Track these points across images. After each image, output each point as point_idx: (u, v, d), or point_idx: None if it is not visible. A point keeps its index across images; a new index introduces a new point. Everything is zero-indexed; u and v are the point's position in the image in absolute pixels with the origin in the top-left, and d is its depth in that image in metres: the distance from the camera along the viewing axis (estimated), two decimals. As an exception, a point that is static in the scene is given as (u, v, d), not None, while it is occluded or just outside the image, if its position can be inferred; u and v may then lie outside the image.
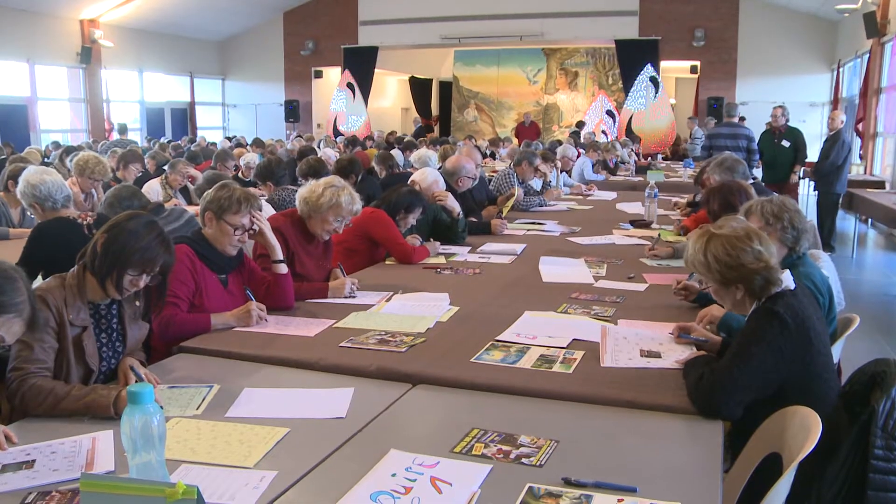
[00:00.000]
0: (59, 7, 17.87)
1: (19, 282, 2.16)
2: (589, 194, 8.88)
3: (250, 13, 21.97)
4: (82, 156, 6.32)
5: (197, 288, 3.23)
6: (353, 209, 3.88)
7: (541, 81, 24.38)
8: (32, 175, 4.37)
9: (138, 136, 20.00)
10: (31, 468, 2.04)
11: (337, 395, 2.52)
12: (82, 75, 19.22)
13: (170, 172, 7.48)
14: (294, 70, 22.56)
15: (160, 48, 21.31)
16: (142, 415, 1.76)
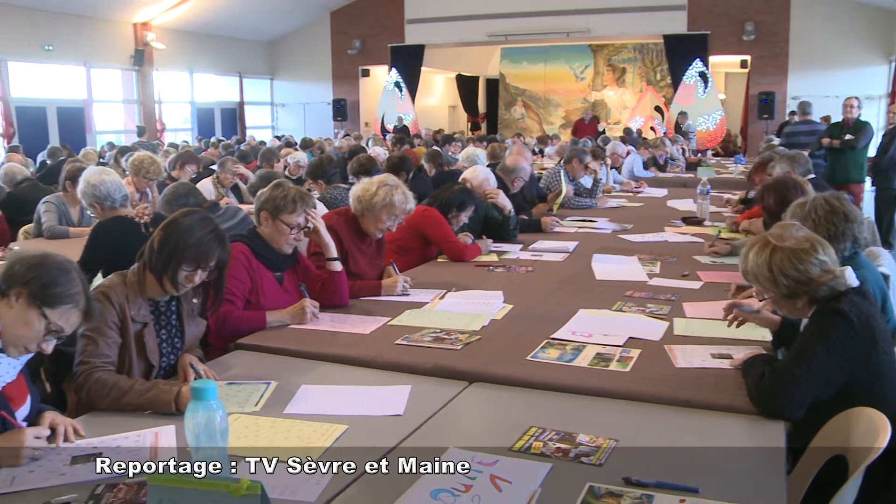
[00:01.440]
0: (113, 12, 18.23)
1: (73, 273, 2.22)
2: (639, 191, 8.80)
3: (298, 13, 22.14)
4: (137, 156, 6.44)
5: (253, 286, 3.27)
6: (406, 208, 3.90)
7: (588, 78, 24.19)
8: (92, 175, 4.47)
9: (189, 136, 20.32)
10: (98, 460, 2.07)
11: (394, 392, 2.53)
12: (135, 77, 19.58)
13: (220, 171, 7.57)
14: (341, 69, 22.68)
15: (210, 49, 21.60)
16: (205, 410, 1.79)
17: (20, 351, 2.19)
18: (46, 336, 2.17)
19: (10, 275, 2.16)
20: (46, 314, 2.14)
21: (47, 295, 2.14)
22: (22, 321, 2.14)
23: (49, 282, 2.15)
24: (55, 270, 2.18)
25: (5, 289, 2.15)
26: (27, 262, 2.18)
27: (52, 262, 2.20)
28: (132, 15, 18.93)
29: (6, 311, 2.14)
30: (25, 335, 2.15)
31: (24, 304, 2.14)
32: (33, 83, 17.23)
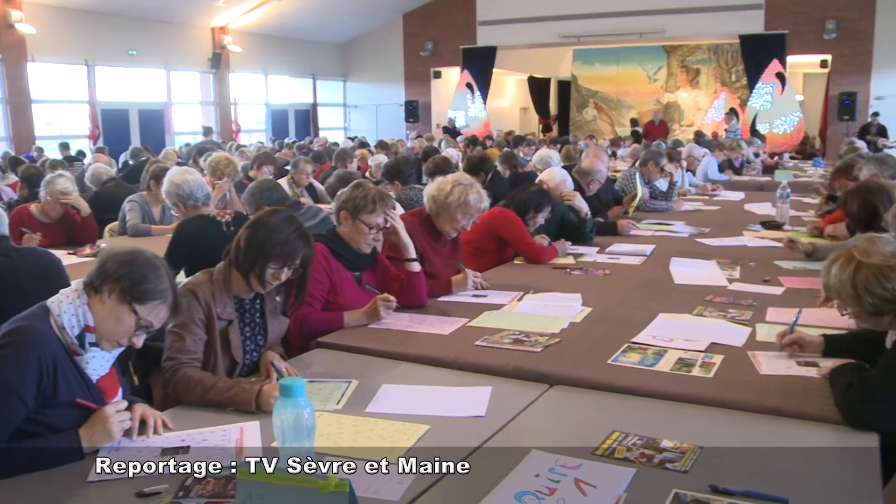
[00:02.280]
0: (192, 16, 18.71)
1: (162, 269, 2.27)
2: (715, 194, 8.65)
3: (371, 16, 22.34)
4: (214, 156, 6.58)
5: (332, 285, 3.30)
6: (480, 206, 3.90)
7: (661, 79, 23.87)
8: (176, 175, 4.60)
9: (263, 137, 20.71)
10: (186, 454, 2.15)
11: (475, 393, 2.53)
12: (212, 80, 20.05)
13: (294, 172, 7.68)
14: (413, 71, 22.81)
15: (284, 52, 21.95)
16: (294, 407, 1.82)
17: (112, 345, 2.25)
18: (137, 331, 2.23)
19: (103, 271, 2.22)
20: (137, 310, 2.20)
21: (138, 291, 2.20)
22: (114, 317, 2.20)
23: (139, 278, 2.21)
24: (145, 267, 2.24)
25: (98, 285, 2.21)
26: (118, 259, 2.24)
27: (142, 259, 2.26)
28: (210, 19, 19.38)
29: (99, 307, 2.21)
30: (117, 330, 2.21)
31: (116, 300, 2.20)
32: (117, 87, 17.79)
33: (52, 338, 2.17)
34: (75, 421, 2.18)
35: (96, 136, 16.80)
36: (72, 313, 2.19)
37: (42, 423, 2.14)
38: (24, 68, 15.70)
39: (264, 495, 1.64)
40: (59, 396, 2.15)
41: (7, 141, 15.57)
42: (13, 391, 2.08)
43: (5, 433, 2.08)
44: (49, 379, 2.13)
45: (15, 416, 2.09)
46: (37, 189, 6.67)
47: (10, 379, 2.08)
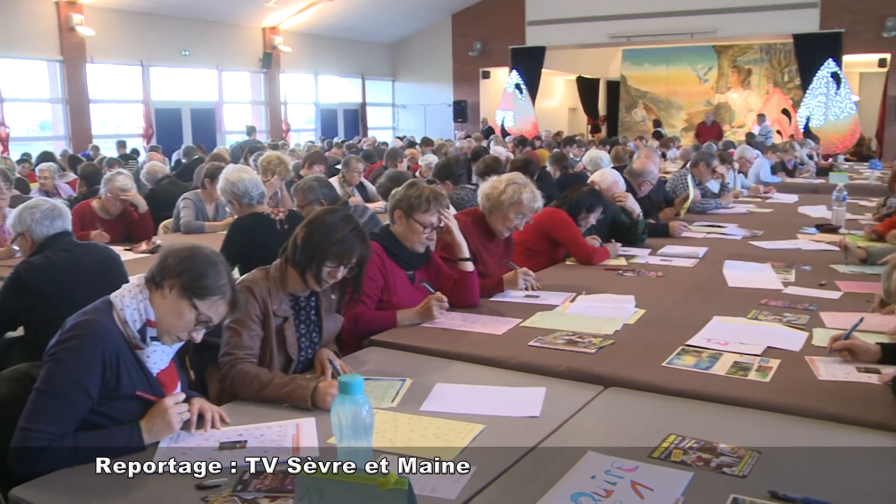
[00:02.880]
0: (244, 17, 18.95)
1: (220, 265, 2.31)
2: (767, 197, 8.53)
3: (420, 16, 22.40)
4: (266, 155, 6.67)
5: (385, 284, 3.33)
6: (534, 206, 3.90)
7: (712, 80, 23.59)
8: (232, 173, 4.67)
9: (313, 136, 20.90)
10: (244, 448, 2.18)
11: (529, 393, 2.53)
12: (263, 79, 20.29)
13: (345, 170, 7.74)
14: (462, 71, 22.83)
15: (334, 52, 22.11)
16: (352, 405, 1.83)
17: (173, 339, 2.29)
18: (196, 326, 2.27)
19: (164, 267, 2.27)
20: (197, 305, 2.24)
21: (198, 287, 2.24)
22: (174, 312, 2.24)
23: (199, 274, 2.25)
24: (204, 263, 2.28)
25: (159, 280, 2.26)
26: (179, 255, 2.28)
27: (202, 255, 2.31)
28: (262, 20, 19.61)
29: (160, 302, 2.25)
30: (177, 325, 2.26)
31: (177, 295, 2.24)
32: (170, 87, 18.11)
33: (115, 332, 2.23)
34: (136, 413, 2.23)
35: (150, 135, 17.12)
36: (134, 308, 2.24)
37: (105, 415, 2.20)
38: (83, 69, 16.09)
39: (323, 491, 1.66)
40: (121, 389, 2.21)
41: (66, 140, 15.96)
42: (79, 383, 2.14)
43: (71, 424, 2.14)
44: (112, 372, 2.19)
45: (80, 408, 2.15)
46: (95, 186, 6.85)
47: (75, 371, 2.14)
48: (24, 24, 15.09)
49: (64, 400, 2.13)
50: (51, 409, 2.11)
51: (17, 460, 2.07)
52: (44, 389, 2.14)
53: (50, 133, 16.67)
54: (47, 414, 2.11)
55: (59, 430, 2.10)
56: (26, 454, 2.06)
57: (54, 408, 2.12)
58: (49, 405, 2.12)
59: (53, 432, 2.09)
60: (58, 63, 15.83)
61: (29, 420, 2.10)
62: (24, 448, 2.07)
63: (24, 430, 2.09)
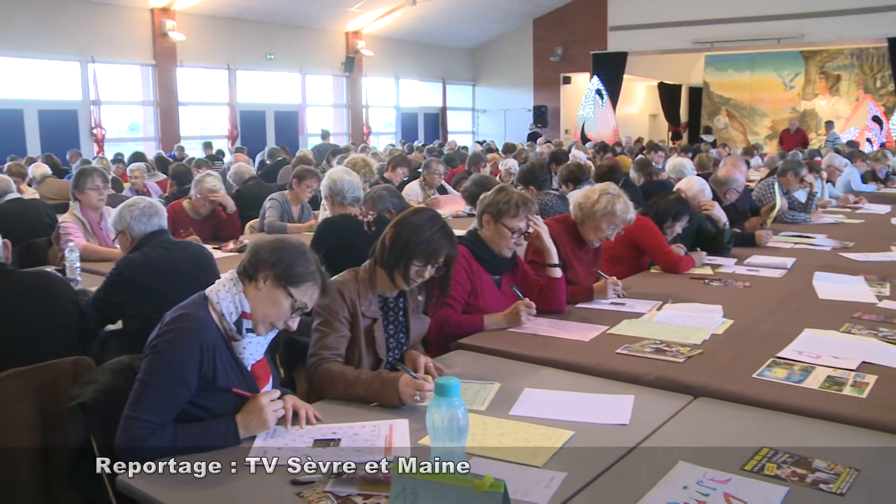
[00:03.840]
0: (328, 22, 19.28)
1: (308, 254, 2.40)
2: (858, 207, 8.28)
3: (501, 21, 22.43)
4: (351, 157, 6.80)
5: (472, 288, 3.35)
6: (626, 217, 3.87)
7: (798, 86, 23.01)
8: (336, 172, 4.88)
9: (393, 139, 21.12)
10: (337, 446, 2.23)
11: (618, 401, 2.52)
12: (345, 83, 20.60)
13: (426, 173, 7.80)
14: (543, 76, 22.78)
15: (415, 56, 22.31)
16: (448, 407, 1.86)
17: (268, 329, 2.37)
18: (292, 314, 2.35)
19: (256, 259, 2.35)
20: (292, 293, 2.32)
21: (291, 275, 2.32)
22: (270, 301, 2.33)
23: (291, 263, 2.33)
24: (294, 252, 2.37)
25: (252, 272, 2.35)
26: (269, 247, 2.37)
27: (290, 245, 2.40)
28: (345, 24, 19.90)
29: (255, 293, 2.34)
30: (274, 314, 2.34)
31: (272, 285, 2.33)
32: (255, 89, 18.53)
33: (211, 325, 2.31)
34: (233, 406, 2.31)
35: (234, 137, 17.55)
36: (230, 301, 2.33)
37: (202, 407, 2.29)
38: (173, 73, 16.64)
39: (418, 491, 1.68)
40: (217, 381, 2.29)
41: (155, 141, 16.49)
42: (178, 375, 2.23)
43: (171, 414, 2.23)
44: (209, 364, 2.27)
45: (180, 398, 2.24)
46: (186, 186, 7.05)
47: (174, 364, 2.23)
48: (122, 30, 15.70)
49: (164, 390, 2.22)
50: (152, 399, 2.20)
51: (121, 448, 2.16)
52: (145, 380, 2.23)
53: (139, 134, 17.26)
54: (148, 404, 2.20)
55: (159, 419, 2.19)
56: (128, 443, 2.16)
57: (155, 398, 2.21)
58: (150, 395, 2.21)
59: (154, 421, 2.18)
60: (150, 67, 16.40)
61: (132, 409, 2.20)
62: (128, 437, 2.16)
63: (127, 419, 2.18)
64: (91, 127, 15.62)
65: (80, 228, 5.17)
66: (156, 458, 2.12)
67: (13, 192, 6.41)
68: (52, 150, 12.85)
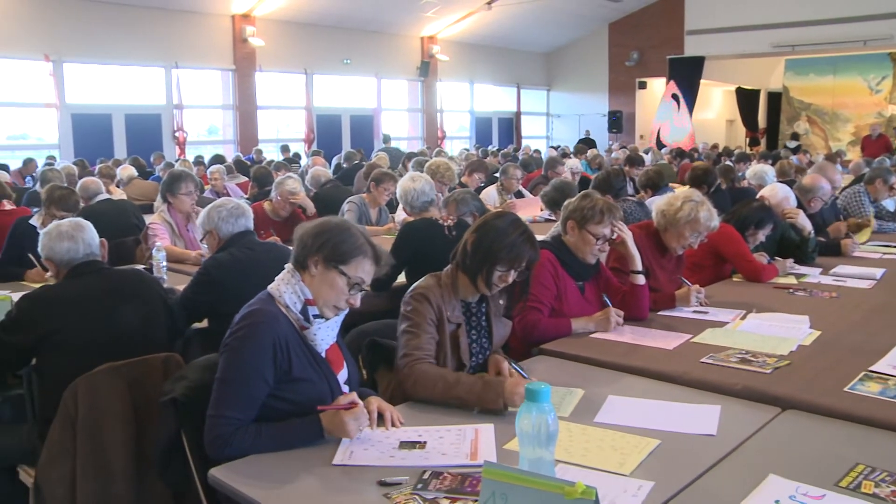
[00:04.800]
0: (404, 27, 19.47)
1: (352, 229, 2.42)
2: (949, 216, 7.99)
3: (576, 25, 22.34)
4: (434, 161, 6.83)
5: (557, 293, 3.34)
6: (710, 225, 3.82)
7: (885, 90, 22.33)
8: (406, 180, 4.90)
9: (467, 143, 21.18)
10: (423, 448, 2.24)
11: (704, 411, 2.48)
12: (420, 88, 20.75)
13: (504, 178, 7.80)
14: (618, 81, 22.61)
15: (490, 61, 22.36)
16: (539, 413, 1.84)
17: (333, 311, 2.40)
18: (351, 291, 2.38)
19: (303, 247, 2.40)
20: (344, 271, 2.35)
21: (339, 254, 2.36)
22: (326, 284, 2.36)
23: (337, 242, 2.36)
24: (336, 230, 2.40)
25: (303, 260, 2.39)
26: (312, 232, 2.40)
27: (332, 225, 2.43)
28: (420, 29, 20.05)
29: (311, 280, 2.38)
30: (333, 295, 2.37)
31: (323, 268, 2.37)
32: (331, 93, 18.80)
33: (281, 318, 2.35)
34: (313, 396, 2.34)
35: (311, 140, 17.83)
36: (291, 292, 2.38)
37: (283, 399, 2.32)
38: (252, 78, 17.00)
39: (508, 496, 1.68)
40: (293, 372, 2.33)
41: (234, 144, 16.88)
42: (254, 369, 2.27)
43: (252, 409, 2.27)
44: (283, 356, 2.31)
45: (258, 393, 2.29)
46: (266, 188, 7.18)
47: (249, 359, 2.28)
48: (204, 37, 16.14)
49: (242, 386, 2.26)
50: (231, 396, 2.25)
51: (209, 446, 2.22)
52: (223, 378, 2.28)
53: (217, 137, 17.68)
54: (229, 401, 2.25)
55: (241, 415, 2.24)
56: (215, 440, 2.21)
57: (234, 395, 2.26)
58: (229, 392, 2.26)
59: (237, 417, 2.23)
60: (230, 72, 16.80)
61: (214, 408, 2.25)
62: (213, 435, 2.22)
63: (211, 418, 2.24)
64: (174, 130, 16.10)
65: (167, 230, 5.33)
66: (242, 454, 2.18)
67: (103, 193, 6.63)
68: (137, 153, 13.31)
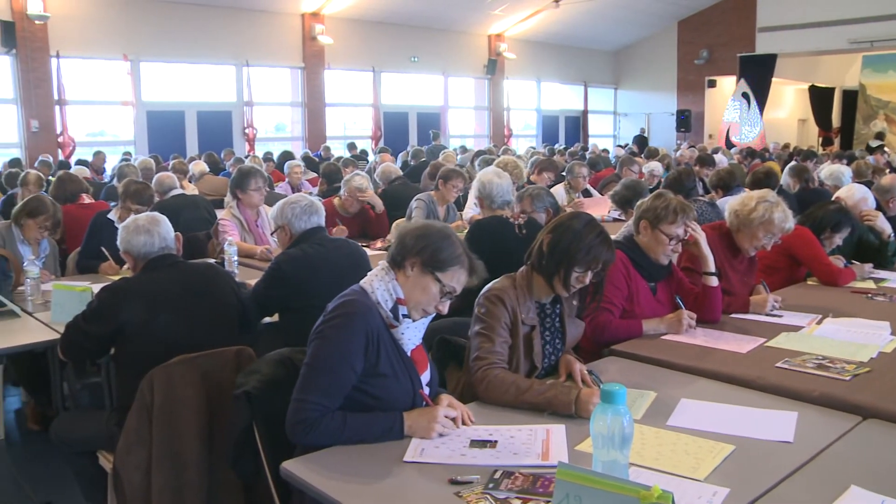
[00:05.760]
0: (471, 25, 19.52)
1: (453, 237, 2.43)
2: None
3: (645, 23, 22.08)
4: (502, 159, 6.82)
5: (629, 293, 3.31)
6: (784, 227, 3.74)
7: (972, 87, 21.56)
8: (485, 174, 4.91)
9: (534, 142, 21.13)
10: (494, 448, 2.24)
11: (780, 417, 2.43)
12: (487, 85, 20.75)
13: (570, 177, 7.74)
14: (686, 79, 22.28)
15: (557, 59, 22.24)
16: (615, 415, 1.83)
17: (420, 314, 2.42)
18: (441, 298, 2.39)
19: (403, 247, 2.41)
20: (439, 278, 2.37)
21: (437, 260, 2.37)
22: (419, 287, 2.38)
23: (436, 249, 2.38)
24: (438, 237, 2.41)
25: (400, 260, 2.41)
26: (414, 234, 2.42)
27: (435, 231, 2.44)
28: (487, 27, 20.05)
29: (405, 281, 2.40)
30: (424, 299, 2.39)
31: (419, 271, 2.38)
32: (398, 91, 18.92)
33: (374, 311, 2.38)
34: (395, 393, 2.37)
35: (378, 138, 17.96)
36: (384, 289, 2.40)
37: (366, 392, 2.35)
38: (321, 75, 17.21)
39: (582, 498, 1.67)
40: (380, 367, 2.35)
41: (302, 140, 17.11)
42: (344, 357, 2.30)
43: (338, 397, 2.30)
44: (373, 348, 2.34)
45: (346, 381, 2.31)
46: (336, 185, 7.26)
47: (341, 347, 2.30)
48: (274, 35, 16.41)
49: (331, 373, 2.29)
50: (319, 382, 2.28)
51: (292, 430, 2.26)
52: (312, 364, 2.31)
53: (283, 134, 17.93)
54: (316, 386, 2.28)
55: (327, 401, 2.27)
56: (300, 424, 2.24)
57: (322, 380, 2.28)
58: (317, 378, 2.29)
59: (323, 404, 2.26)
60: (299, 70, 17.02)
61: (300, 392, 2.28)
62: (298, 419, 2.25)
63: (297, 402, 2.27)
64: (244, 127, 16.38)
65: (236, 226, 5.44)
66: (324, 443, 2.22)
67: (177, 189, 6.77)
68: (208, 149, 13.61)
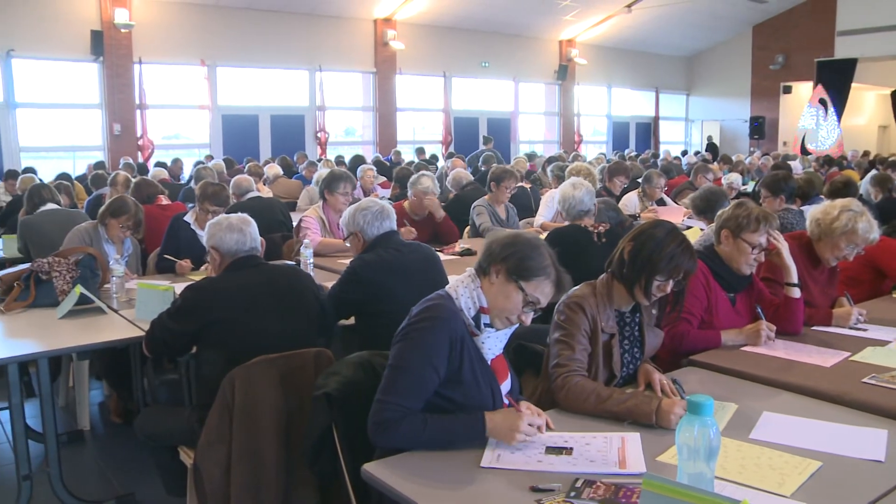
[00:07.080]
0: (542, 30, 19.49)
1: (542, 248, 2.41)
2: None
3: (718, 28, 21.75)
4: (574, 166, 6.78)
5: (708, 304, 3.26)
6: (869, 237, 3.64)
7: None
8: (567, 185, 4.90)
9: (604, 148, 20.99)
10: (570, 455, 2.22)
11: (869, 434, 2.36)
12: (557, 91, 20.68)
13: (647, 185, 7.64)
14: (761, 85, 21.87)
15: (628, 65, 22.06)
16: (701, 426, 1.80)
17: (504, 323, 2.41)
18: (524, 308, 2.37)
19: (490, 254, 2.41)
20: (523, 287, 2.35)
21: (522, 269, 2.36)
22: (503, 295, 2.37)
23: (523, 257, 2.37)
24: (526, 247, 2.39)
25: (486, 267, 2.41)
26: (502, 242, 2.42)
27: (523, 240, 2.43)
28: (559, 33, 20.00)
29: (489, 288, 2.39)
30: (507, 308, 2.37)
31: (504, 279, 2.37)
32: (469, 96, 18.99)
33: (459, 318, 2.38)
34: (475, 400, 2.37)
35: (448, 143, 18.03)
36: (468, 296, 2.41)
37: (447, 398, 2.35)
38: (392, 80, 17.38)
39: (670, 509, 1.65)
40: (462, 373, 2.35)
41: (373, 145, 17.28)
42: (428, 360, 2.30)
43: (420, 399, 2.31)
44: (456, 353, 2.34)
45: (429, 384, 2.32)
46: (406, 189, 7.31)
47: (426, 350, 2.31)
48: (347, 41, 16.64)
49: (414, 375, 2.30)
50: (402, 383, 2.29)
51: (374, 430, 2.27)
52: (396, 365, 2.32)
53: (353, 138, 18.12)
54: (400, 388, 2.29)
55: (410, 403, 2.27)
56: (382, 424, 2.25)
57: (406, 382, 2.29)
58: (401, 379, 2.30)
59: (405, 405, 2.26)
60: (371, 74, 17.21)
61: (383, 393, 2.30)
62: (380, 419, 2.26)
63: (380, 402, 2.28)
64: (316, 131, 16.62)
65: (319, 225, 5.60)
66: (404, 444, 2.23)
67: (253, 191, 6.89)
68: (281, 152, 13.87)
